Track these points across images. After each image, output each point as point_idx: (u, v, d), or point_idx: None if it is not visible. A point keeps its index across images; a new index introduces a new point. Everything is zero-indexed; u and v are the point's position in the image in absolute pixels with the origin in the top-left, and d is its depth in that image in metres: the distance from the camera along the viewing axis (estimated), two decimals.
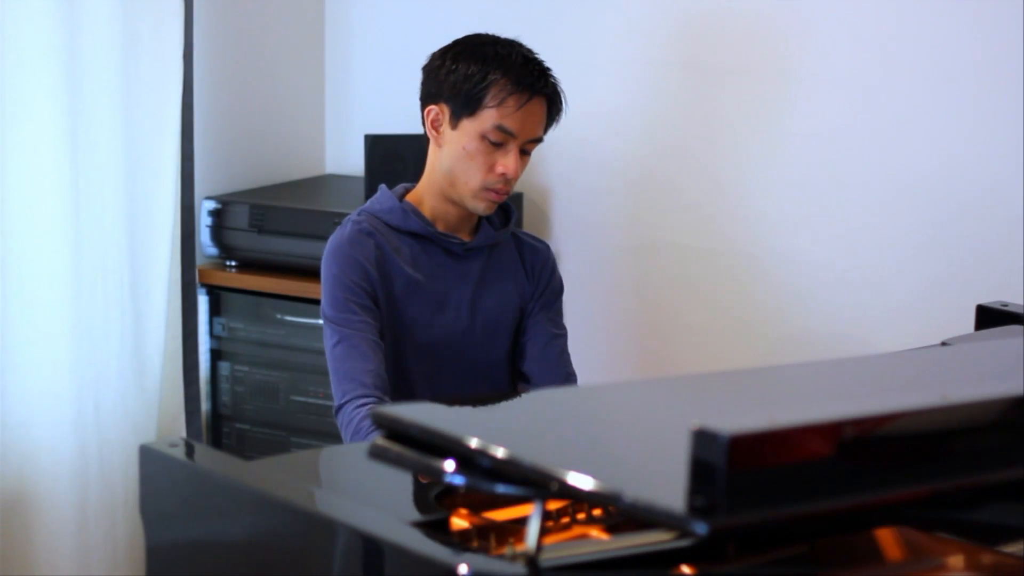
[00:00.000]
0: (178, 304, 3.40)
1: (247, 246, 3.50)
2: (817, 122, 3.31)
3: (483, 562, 1.53)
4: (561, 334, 2.81)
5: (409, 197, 2.74)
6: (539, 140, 2.67)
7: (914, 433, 1.54)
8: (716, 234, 3.45)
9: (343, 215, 3.38)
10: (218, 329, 3.56)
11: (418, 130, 2.69)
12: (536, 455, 1.52)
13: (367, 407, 2.52)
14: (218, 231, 3.52)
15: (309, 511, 1.73)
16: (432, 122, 2.66)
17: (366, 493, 1.92)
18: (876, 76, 3.23)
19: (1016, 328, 2.35)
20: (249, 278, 3.49)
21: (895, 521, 1.73)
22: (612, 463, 1.58)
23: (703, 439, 1.39)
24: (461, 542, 1.69)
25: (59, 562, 3.15)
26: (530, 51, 2.69)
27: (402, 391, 2.66)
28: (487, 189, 2.63)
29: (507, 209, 2.80)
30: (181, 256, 3.40)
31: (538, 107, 2.64)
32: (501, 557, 1.55)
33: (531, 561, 1.50)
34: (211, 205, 3.53)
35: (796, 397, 1.75)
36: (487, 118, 2.61)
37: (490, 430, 1.61)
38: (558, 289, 2.83)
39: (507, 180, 2.63)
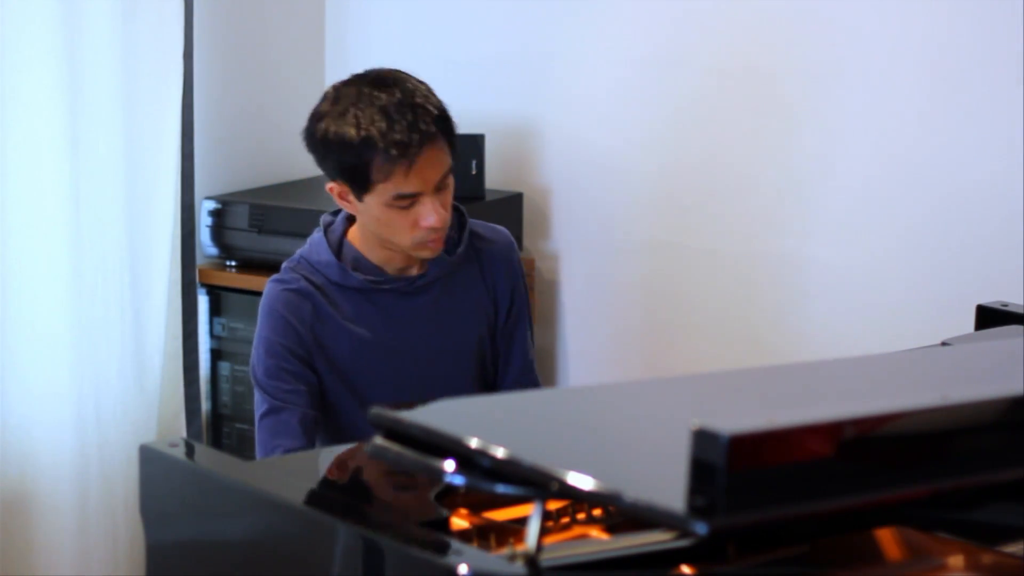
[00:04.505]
0: (178, 304, 3.40)
1: (247, 246, 3.50)
2: (818, 122, 3.30)
3: (483, 562, 1.53)
4: (534, 359, 2.67)
5: (352, 238, 2.55)
6: (448, 173, 2.45)
7: (914, 433, 1.54)
8: (716, 234, 3.45)
9: None
10: (218, 329, 3.56)
11: None
12: (536, 455, 1.52)
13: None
14: (218, 231, 3.52)
15: (309, 511, 1.73)
16: (339, 196, 2.48)
17: (366, 493, 1.92)
18: (876, 75, 3.23)
19: (1016, 328, 2.34)
20: (249, 278, 3.48)
21: (895, 521, 1.73)
22: (612, 463, 1.57)
23: (703, 439, 1.39)
24: (461, 542, 1.68)
25: (59, 562, 3.15)
26: (394, 93, 2.40)
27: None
28: (420, 242, 2.46)
29: (459, 214, 2.59)
30: (181, 256, 3.40)
31: (429, 155, 2.40)
32: (501, 557, 1.54)
33: (531, 561, 1.50)
34: (211, 205, 3.53)
35: (796, 397, 1.75)
36: (383, 192, 2.41)
37: (490, 430, 1.61)
38: (524, 299, 2.66)
39: (436, 228, 2.44)
